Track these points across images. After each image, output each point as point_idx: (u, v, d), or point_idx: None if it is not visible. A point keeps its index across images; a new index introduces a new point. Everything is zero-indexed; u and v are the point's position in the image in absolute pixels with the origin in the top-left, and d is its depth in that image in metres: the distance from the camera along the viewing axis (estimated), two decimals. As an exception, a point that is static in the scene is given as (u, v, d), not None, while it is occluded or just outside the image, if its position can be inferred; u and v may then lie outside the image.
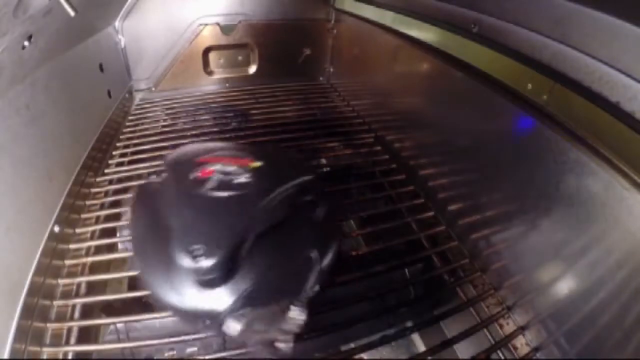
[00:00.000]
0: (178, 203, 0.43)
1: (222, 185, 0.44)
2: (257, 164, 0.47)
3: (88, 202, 0.63)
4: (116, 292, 0.57)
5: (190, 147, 0.54)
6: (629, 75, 0.34)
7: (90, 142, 0.70)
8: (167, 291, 0.39)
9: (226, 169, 0.47)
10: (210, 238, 0.38)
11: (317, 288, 0.41)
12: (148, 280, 0.41)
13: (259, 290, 0.38)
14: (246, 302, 0.38)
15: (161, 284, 0.39)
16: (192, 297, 0.38)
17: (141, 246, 0.44)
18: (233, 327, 0.37)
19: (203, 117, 0.91)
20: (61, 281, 0.50)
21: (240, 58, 1.07)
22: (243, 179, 0.45)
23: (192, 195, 0.44)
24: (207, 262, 0.37)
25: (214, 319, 0.38)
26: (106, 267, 0.59)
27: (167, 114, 0.94)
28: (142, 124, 0.89)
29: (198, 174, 0.46)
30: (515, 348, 0.47)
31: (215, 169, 0.47)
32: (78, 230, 0.57)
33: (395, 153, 0.76)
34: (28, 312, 0.42)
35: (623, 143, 0.35)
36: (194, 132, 0.84)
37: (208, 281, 0.38)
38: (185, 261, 0.37)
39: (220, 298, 0.38)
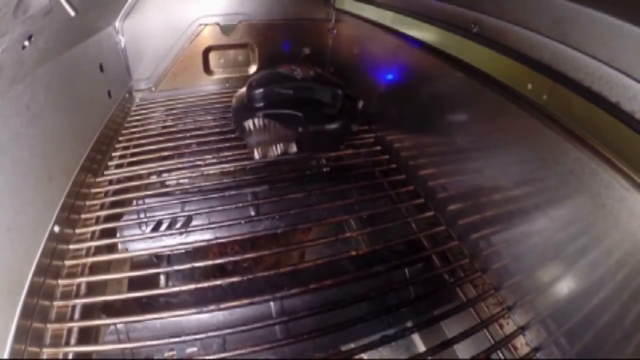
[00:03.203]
0: (266, 76, 0.82)
1: (288, 72, 0.81)
2: (312, 74, 0.81)
3: (88, 203, 0.63)
4: (116, 292, 0.57)
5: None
6: (629, 75, 0.34)
7: (91, 142, 0.70)
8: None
9: (296, 69, 0.81)
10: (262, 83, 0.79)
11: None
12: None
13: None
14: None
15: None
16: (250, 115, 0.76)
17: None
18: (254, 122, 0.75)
19: (203, 118, 0.91)
20: (61, 281, 0.50)
21: (240, 58, 1.07)
22: (299, 75, 0.80)
23: (275, 73, 0.82)
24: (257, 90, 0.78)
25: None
26: (106, 267, 0.59)
27: (167, 114, 0.94)
28: (142, 124, 0.89)
29: (284, 67, 0.83)
30: (515, 348, 0.47)
31: (292, 67, 0.82)
32: (78, 231, 0.57)
33: (395, 153, 0.76)
34: (28, 312, 0.42)
35: (623, 143, 0.35)
36: (194, 133, 0.84)
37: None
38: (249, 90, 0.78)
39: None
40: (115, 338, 0.49)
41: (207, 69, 1.04)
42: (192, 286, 0.51)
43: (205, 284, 0.51)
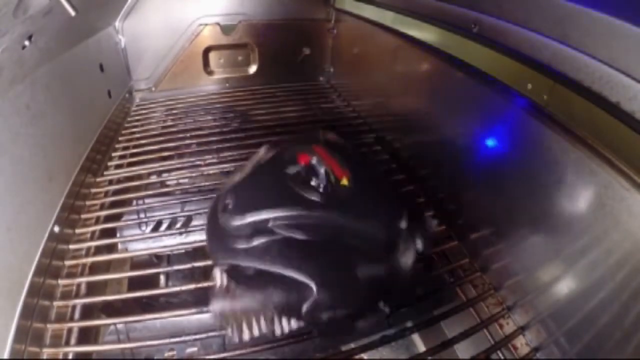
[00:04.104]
0: (256, 184, 0.46)
1: (301, 176, 0.45)
2: (346, 183, 0.45)
3: (88, 203, 0.63)
4: (116, 292, 0.57)
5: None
6: (629, 75, 0.34)
7: (91, 142, 0.70)
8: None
9: (319, 167, 0.46)
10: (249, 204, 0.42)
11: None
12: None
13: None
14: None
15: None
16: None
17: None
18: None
19: (203, 118, 0.91)
20: (61, 282, 0.50)
21: (240, 58, 1.07)
22: (323, 184, 0.45)
23: (275, 179, 0.46)
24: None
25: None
26: (106, 267, 0.59)
27: (167, 114, 0.94)
28: (142, 124, 0.89)
29: (299, 156, 0.47)
30: (515, 348, 0.47)
31: (312, 161, 0.46)
32: (78, 231, 0.57)
33: (395, 153, 0.76)
34: (28, 312, 0.42)
35: (623, 143, 0.35)
36: (194, 133, 0.84)
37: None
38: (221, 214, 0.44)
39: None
40: (115, 338, 0.49)
41: (207, 69, 1.04)
42: (192, 286, 0.51)
43: (205, 284, 0.51)
